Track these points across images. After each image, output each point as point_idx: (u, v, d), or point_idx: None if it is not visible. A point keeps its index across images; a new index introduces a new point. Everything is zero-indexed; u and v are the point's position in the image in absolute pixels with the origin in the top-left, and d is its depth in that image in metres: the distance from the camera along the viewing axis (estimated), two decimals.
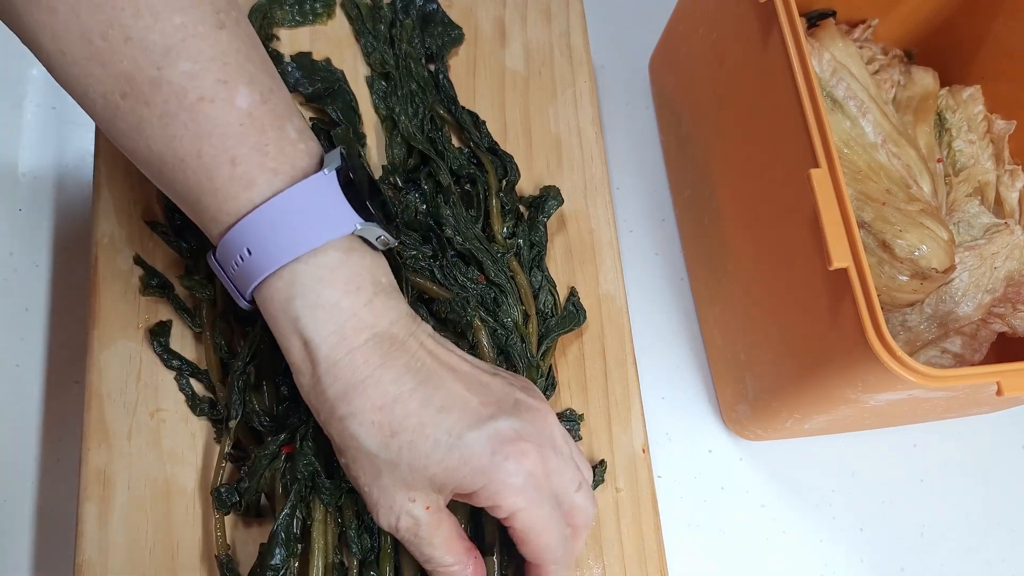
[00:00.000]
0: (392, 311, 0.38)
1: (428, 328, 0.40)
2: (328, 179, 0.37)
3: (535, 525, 0.38)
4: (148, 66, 0.34)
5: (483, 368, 0.41)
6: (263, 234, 0.36)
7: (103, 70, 0.35)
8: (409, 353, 0.38)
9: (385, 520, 0.38)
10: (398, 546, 0.43)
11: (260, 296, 0.38)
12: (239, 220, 0.36)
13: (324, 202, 0.37)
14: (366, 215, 0.37)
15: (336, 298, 0.37)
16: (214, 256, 0.39)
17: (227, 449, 0.45)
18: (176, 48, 0.34)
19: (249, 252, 0.36)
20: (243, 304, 0.40)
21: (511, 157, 0.54)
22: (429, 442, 0.37)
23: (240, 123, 0.36)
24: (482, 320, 0.48)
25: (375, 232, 0.38)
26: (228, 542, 0.45)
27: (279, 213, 0.36)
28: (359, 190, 0.38)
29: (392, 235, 0.39)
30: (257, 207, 0.36)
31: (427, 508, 0.38)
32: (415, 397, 0.37)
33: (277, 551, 0.42)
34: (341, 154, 0.38)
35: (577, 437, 0.50)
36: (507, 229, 0.52)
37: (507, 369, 0.47)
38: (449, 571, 0.39)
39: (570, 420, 0.50)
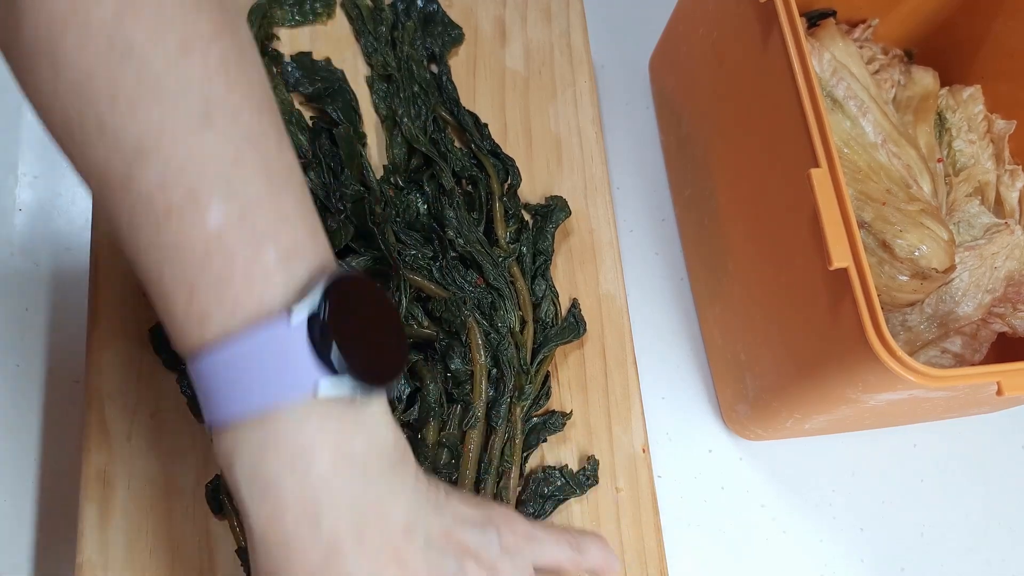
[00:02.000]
0: (348, 494, 0.31)
1: (403, 506, 0.33)
2: (291, 330, 0.30)
3: None
4: (120, 164, 0.30)
5: (430, 562, 0.33)
6: (208, 384, 0.31)
7: (83, 159, 0.31)
8: (354, 558, 0.31)
9: None
10: None
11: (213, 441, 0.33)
12: (191, 358, 0.31)
13: (278, 357, 0.30)
14: (335, 369, 0.30)
15: (278, 473, 0.31)
16: None
17: None
18: (148, 149, 0.29)
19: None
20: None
21: (512, 161, 0.54)
22: None
23: (206, 246, 0.30)
24: (476, 322, 0.47)
25: (345, 388, 0.31)
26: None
27: (226, 363, 0.30)
28: (334, 339, 0.30)
29: (383, 389, 0.33)
30: (206, 349, 0.31)
31: None
32: None
33: None
34: (326, 292, 0.30)
35: (560, 427, 0.49)
36: (510, 234, 0.52)
37: (494, 378, 0.47)
38: None
39: (554, 425, 0.50)
